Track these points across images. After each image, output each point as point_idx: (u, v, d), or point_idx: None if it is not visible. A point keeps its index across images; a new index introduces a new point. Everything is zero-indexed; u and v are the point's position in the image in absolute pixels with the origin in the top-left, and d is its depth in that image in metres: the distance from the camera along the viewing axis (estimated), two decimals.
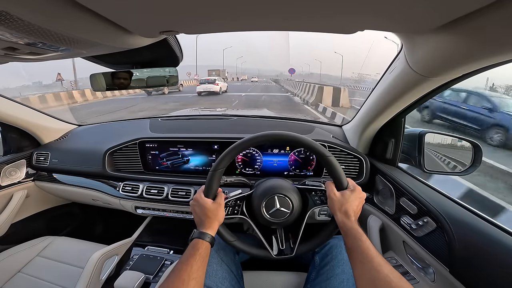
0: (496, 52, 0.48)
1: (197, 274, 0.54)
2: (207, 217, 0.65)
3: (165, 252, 1.18)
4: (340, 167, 0.68)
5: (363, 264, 0.52)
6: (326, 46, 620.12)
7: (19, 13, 0.33)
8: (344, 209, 0.62)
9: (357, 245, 0.55)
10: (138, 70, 0.80)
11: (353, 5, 0.39)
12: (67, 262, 1.13)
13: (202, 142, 1.13)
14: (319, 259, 0.83)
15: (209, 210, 0.66)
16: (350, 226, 0.60)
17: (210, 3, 0.39)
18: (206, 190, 0.70)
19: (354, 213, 0.63)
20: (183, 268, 0.54)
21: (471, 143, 0.91)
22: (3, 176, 1.23)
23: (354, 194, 0.65)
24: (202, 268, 0.56)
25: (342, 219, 0.62)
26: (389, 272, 0.48)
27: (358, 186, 0.68)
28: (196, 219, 0.68)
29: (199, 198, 0.69)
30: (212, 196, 0.70)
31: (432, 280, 0.75)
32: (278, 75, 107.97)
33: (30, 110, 1.30)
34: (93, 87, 0.81)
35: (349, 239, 0.58)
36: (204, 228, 0.64)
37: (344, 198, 0.64)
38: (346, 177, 0.69)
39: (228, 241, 0.72)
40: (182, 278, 0.52)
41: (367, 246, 0.54)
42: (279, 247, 0.74)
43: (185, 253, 0.58)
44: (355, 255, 0.55)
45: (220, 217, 0.68)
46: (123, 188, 1.18)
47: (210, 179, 0.70)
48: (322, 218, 1.08)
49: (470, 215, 0.69)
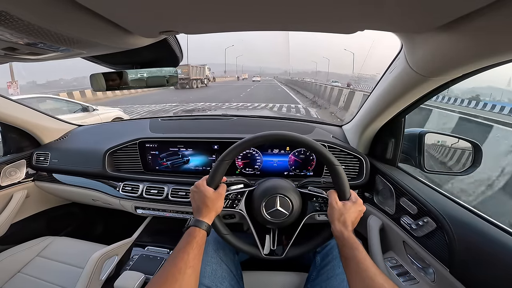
0: (496, 52, 0.48)
1: (193, 262, 0.54)
2: (206, 206, 0.65)
3: (165, 252, 1.17)
4: (346, 178, 0.69)
5: (358, 273, 0.53)
6: (330, 44, 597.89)
7: (19, 13, 0.33)
8: (343, 219, 0.63)
9: (353, 255, 0.56)
10: (138, 70, 0.80)
11: (353, 5, 0.39)
12: (67, 262, 1.13)
13: (202, 142, 1.13)
14: (320, 259, 0.83)
15: (208, 199, 0.66)
16: (348, 236, 0.60)
17: (210, 3, 0.39)
18: (209, 178, 0.70)
19: (352, 224, 0.64)
20: (180, 256, 0.54)
21: (471, 143, 0.91)
22: (3, 176, 1.23)
23: (355, 206, 0.66)
24: (199, 256, 0.56)
25: (340, 228, 0.62)
26: (384, 281, 0.49)
27: (360, 199, 0.69)
28: (194, 206, 0.68)
29: (201, 185, 0.68)
30: (214, 185, 0.69)
31: (432, 280, 0.75)
32: (282, 73, 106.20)
33: (30, 110, 1.30)
34: (93, 87, 0.80)
35: (345, 249, 0.58)
36: (201, 216, 0.64)
37: (345, 209, 0.65)
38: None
39: (221, 234, 0.72)
40: (179, 266, 0.51)
41: (363, 257, 0.55)
42: (271, 248, 0.74)
43: (181, 241, 0.58)
44: (351, 265, 0.55)
45: (218, 207, 0.68)
46: (123, 188, 1.18)
47: (215, 169, 0.70)
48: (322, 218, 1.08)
49: (470, 215, 0.69)
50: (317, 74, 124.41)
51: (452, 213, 0.71)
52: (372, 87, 0.97)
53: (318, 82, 16.41)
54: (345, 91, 8.11)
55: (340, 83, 27.81)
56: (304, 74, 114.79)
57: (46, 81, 34.90)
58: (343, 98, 8.03)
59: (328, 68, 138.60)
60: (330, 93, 9.71)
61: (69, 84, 19.31)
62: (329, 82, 22.99)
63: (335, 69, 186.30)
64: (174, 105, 11.32)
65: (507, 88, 15.80)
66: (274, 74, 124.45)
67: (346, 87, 11.52)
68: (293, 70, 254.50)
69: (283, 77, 50.84)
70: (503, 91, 35.99)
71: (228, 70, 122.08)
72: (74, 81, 19.14)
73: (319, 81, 27.01)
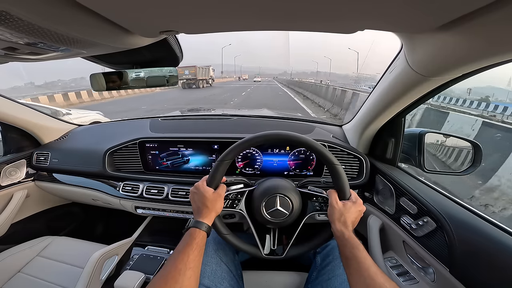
0: (496, 52, 0.48)
1: (193, 263, 0.54)
2: (205, 207, 0.65)
3: (165, 252, 1.18)
4: (346, 177, 0.69)
5: (359, 272, 0.53)
6: (330, 45, 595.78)
7: (19, 13, 0.33)
8: (344, 219, 0.63)
9: (354, 254, 0.56)
10: (138, 70, 0.80)
11: (353, 5, 0.39)
12: (67, 262, 1.13)
13: (202, 142, 1.13)
14: (320, 259, 0.83)
15: (208, 199, 0.66)
16: (348, 236, 0.60)
17: (210, 3, 0.39)
18: (209, 179, 0.70)
19: (352, 224, 0.64)
20: (180, 257, 0.54)
21: (471, 142, 0.91)
22: (3, 176, 1.23)
23: (355, 206, 0.66)
24: (199, 257, 0.56)
25: (340, 228, 0.62)
26: (385, 281, 0.49)
27: (360, 199, 0.69)
28: (194, 207, 0.68)
29: (201, 186, 0.68)
30: (214, 186, 0.69)
31: (432, 280, 0.75)
32: (281, 74, 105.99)
33: (30, 110, 1.30)
34: (93, 87, 0.81)
35: (346, 249, 0.59)
36: (201, 217, 0.64)
37: (345, 208, 0.65)
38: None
39: (221, 234, 0.72)
40: (179, 267, 0.52)
41: (364, 256, 0.55)
42: (271, 247, 0.74)
43: (181, 242, 0.58)
44: (352, 264, 0.55)
45: (218, 208, 0.68)
46: (123, 188, 1.18)
47: (215, 169, 0.70)
48: (322, 218, 1.08)
49: (470, 215, 0.69)
50: (317, 75, 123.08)
51: (452, 213, 0.71)
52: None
53: (337, 85, 12.15)
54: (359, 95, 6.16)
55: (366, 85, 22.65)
56: (304, 74, 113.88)
57: (44, 82, 35.07)
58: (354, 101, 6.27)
59: (330, 69, 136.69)
60: (341, 97, 6.95)
61: (66, 85, 19.42)
62: (354, 85, 17.35)
63: (335, 69, 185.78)
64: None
65: (507, 88, 15.51)
66: (274, 75, 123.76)
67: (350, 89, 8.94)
68: (292, 71, 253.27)
69: (283, 78, 50.78)
70: (509, 92, 35.15)
71: (226, 71, 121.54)
72: (72, 82, 19.19)
73: (339, 83, 23.21)
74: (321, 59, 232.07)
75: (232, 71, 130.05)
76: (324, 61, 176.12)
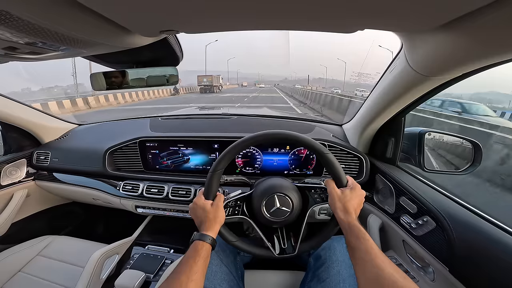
0: (496, 52, 0.48)
1: (196, 276, 0.53)
2: (208, 219, 0.65)
3: (166, 251, 1.18)
4: (339, 164, 0.68)
5: (366, 261, 0.50)
6: (328, 48, 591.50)
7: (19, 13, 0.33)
8: (345, 207, 0.62)
9: (360, 243, 0.54)
10: (138, 70, 0.80)
11: (353, 5, 0.39)
12: (67, 261, 1.13)
13: (202, 141, 1.14)
14: (313, 261, 0.83)
15: (209, 212, 0.66)
16: (353, 224, 0.59)
17: (210, 2, 0.39)
18: (205, 191, 0.70)
19: (355, 210, 0.63)
20: (182, 269, 0.54)
21: (471, 142, 0.91)
22: (4, 175, 1.23)
23: (354, 192, 0.65)
24: (202, 270, 0.56)
25: (343, 216, 0.62)
26: (394, 271, 0.46)
27: (357, 184, 0.68)
28: (197, 222, 0.68)
29: (198, 200, 0.69)
30: (212, 197, 0.70)
31: (431, 280, 0.75)
32: (282, 81, 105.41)
33: (30, 109, 1.30)
34: (93, 87, 0.81)
35: (351, 238, 0.57)
36: (204, 230, 0.64)
37: (344, 196, 0.64)
38: (346, 175, 0.69)
39: (230, 242, 0.72)
40: (181, 280, 0.52)
41: (370, 245, 0.53)
42: (281, 246, 0.74)
43: (185, 255, 0.58)
44: (358, 253, 0.53)
45: (221, 218, 0.68)
46: (123, 187, 1.18)
47: (209, 180, 0.70)
48: (322, 217, 1.08)
49: (470, 214, 0.70)
50: (319, 81, 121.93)
51: (451, 212, 0.71)
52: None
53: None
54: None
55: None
56: (304, 81, 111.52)
57: (40, 88, 34.98)
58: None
59: (344, 76, 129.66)
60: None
61: (62, 91, 19.66)
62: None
63: (333, 75, 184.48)
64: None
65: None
66: (274, 81, 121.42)
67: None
68: (294, 77, 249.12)
69: (285, 85, 51.35)
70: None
71: (228, 78, 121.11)
72: (68, 89, 19.20)
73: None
74: (324, 65, 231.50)
75: (233, 78, 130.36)
76: (336, 64, 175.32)
